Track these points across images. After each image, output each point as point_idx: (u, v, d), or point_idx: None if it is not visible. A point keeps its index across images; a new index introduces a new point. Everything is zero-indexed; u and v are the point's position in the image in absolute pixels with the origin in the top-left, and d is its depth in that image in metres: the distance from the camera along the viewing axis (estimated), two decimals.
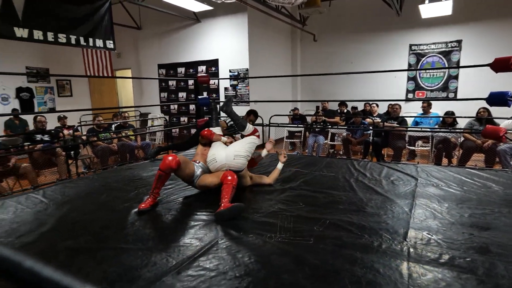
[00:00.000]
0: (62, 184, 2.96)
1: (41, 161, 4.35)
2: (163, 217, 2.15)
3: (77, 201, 2.48)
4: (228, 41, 7.41)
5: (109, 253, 1.64)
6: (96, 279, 1.40)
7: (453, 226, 1.97)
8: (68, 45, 4.68)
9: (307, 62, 9.20)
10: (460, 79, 7.56)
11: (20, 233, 1.88)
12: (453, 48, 7.56)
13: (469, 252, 1.65)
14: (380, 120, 5.59)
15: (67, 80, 8.70)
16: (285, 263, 1.54)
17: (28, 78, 7.78)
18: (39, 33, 4.20)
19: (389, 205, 2.35)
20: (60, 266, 1.51)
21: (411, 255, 1.62)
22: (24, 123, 6.87)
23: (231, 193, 2.20)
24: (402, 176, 3.10)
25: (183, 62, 8.17)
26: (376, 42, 8.20)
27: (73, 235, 1.85)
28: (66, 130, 5.43)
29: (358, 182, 2.93)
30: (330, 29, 8.71)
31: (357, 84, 8.47)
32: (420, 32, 7.79)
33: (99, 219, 2.11)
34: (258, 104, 7.42)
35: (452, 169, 3.40)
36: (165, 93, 8.77)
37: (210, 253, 1.64)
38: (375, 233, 1.87)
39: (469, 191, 2.66)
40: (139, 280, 1.39)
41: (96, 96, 9.42)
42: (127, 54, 9.17)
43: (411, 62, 7.97)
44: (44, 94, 8.21)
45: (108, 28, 5.14)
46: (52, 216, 2.15)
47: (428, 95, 7.93)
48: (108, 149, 5.07)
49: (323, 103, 7.03)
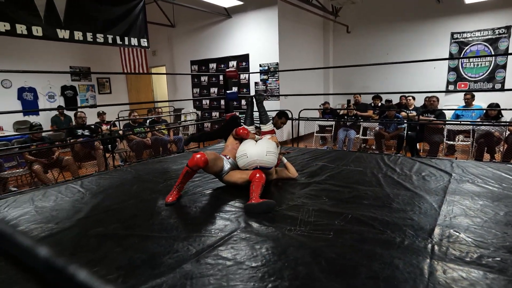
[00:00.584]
0: (98, 175, 3.18)
1: (81, 154, 4.67)
2: (188, 208, 2.24)
3: (110, 191, 2.65)
4: (258, 35, 7.42)
5: (135, 240, 1.74)
6: (122, 264, 1.50)
7: (485, 224, 1.85)
8: (106, 44, 4.96)
9: (340, 54, 8.96)
10: (508, 68, 6.97)
11: (58, 219, 2.05)
12: (501, 35, 6.96)
13: (500, 251, 1.55)
14: (416, 114, 5.33)
15: (106, 78, 9.22)
16: (302, 256, 1.54)
17: (72, 76, 8.36)
18: (79, 34, 4.51)
19: (417, 201, 2.26)
20: (89, 250, 1.64)
21: (435, 253, 1.55)
22: (68, 119, 7.39)
23: (260, 189, 2.24)
24: (435, 172, 2.95)
25: (215, 58, 8.31)
26: (414, 31, 7.78)
27: (104, 223, 1.99)
28: (104, 125, 5.77)
29: (386, 177, 2.84)
30: (364, 19, 8.40)
31: (393, 76, 8.11)
32: (463, 19, 7.26)
33: (129, 208, 2.25)
34: (288, 99, 7.38)
35: (492, 164, 3.18)
36: (197, 89, 8.98)
37: (229, 243, 1.69)
38: (398, 229, 1.82)
39: (508, 188, 2.48)
40: (161, 266, 1.47)
41: (133, 93, 9.89)
42: (161, 52, 9.50)
43: (453, 52, 7.46)
44: (86, 91, 8.77)
45: (143, 27, 5.38)
46: (87, 205, 2.32)
47: (471, 86, 7.39)
48: (142, 143, 5.31)
49: (355, 96, 6.83)
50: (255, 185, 2.25)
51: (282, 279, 1.35)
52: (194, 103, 9.08)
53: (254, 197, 2.16)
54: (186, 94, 9.17)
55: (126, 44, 5.19)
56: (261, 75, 7.57)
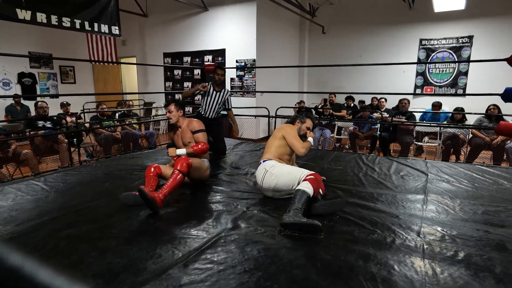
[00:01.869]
0: (64, 171, 2.91)
1: (42, 148, 4.28)
2: (168, 208, 2.09)
3: (79, 188, 2.43)
4: (236, 30, 7.27)
5: (113, 243, 1.58)
6: (100, 270, 1.34)
7: (467, 223, 1.90)
8: (73, 29, 4.56)
9: (315, 54, 9.05)
10: (469, 75, 7.41)
11: (20, 220, 1.82)
12: (464, 44, 7.38)
13: (486, 249, 1.59)
14: (388, 115, 5.49)
15: (70, 67, 8.61)
16: (296, 258, 1.47)
17: (31, 63, 7.69)
18: (42, 16, 4.09)
19: (400, 200, 2.29)
20: (60, 254, 1.46)
21: (426, 252, 1.56)
22: (25, 109, 6.80)
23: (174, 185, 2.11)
24: (412, 171, 3.02)
25: (189, 51, 8.05)
26: (386, 35, 8.03)
27: (75, 223, 1.79)
28: (69, 117, 5.36)
29: (367, 177, 2.86)
30: (340, 21, 8.54)
31: (365, 78, 8.33)
32: (431, 27, 7.61)
33: (102, 207, 2.06)
34: (264, 96, 7.33)
35: (462, 165, 3.32)
36: (170, 83, 8.66)
37: (217, 245, 1.58)
38: (387, 228, 1.81)
39: (480, 187, 2.59)
40: (144, 272, 1.33)
41: (100, 84, 9.33)
42: (132, 42, 9.05)
43: (421, 57, 7.80)
44: (47, 80, 8.13)
45: (114, 13, 5.02)
46: (53, 204, 2.10)
47: (436, 91, 7.78)
48: (111, 137, 5.00)
49: (330, 96, 6.92)
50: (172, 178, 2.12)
51: (279, 284, 1.27)
52: (166, 97, 8.75)
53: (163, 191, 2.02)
54: (157, 87, 8.82)
55: (95, 30, 4.82)
56: (237, 71, 7.44)
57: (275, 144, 2.38)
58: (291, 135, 2.36)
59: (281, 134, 2.38)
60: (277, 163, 2.26)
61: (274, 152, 2.35)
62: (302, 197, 1.89)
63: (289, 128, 2.43)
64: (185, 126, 2.65)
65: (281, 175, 2.15)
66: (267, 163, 2.26)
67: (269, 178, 2.18)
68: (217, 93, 3.69)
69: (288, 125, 2.49)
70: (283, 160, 2.37)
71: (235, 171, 3.01)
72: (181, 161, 2.18)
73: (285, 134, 2.37)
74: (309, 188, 1.94)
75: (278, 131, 2.43)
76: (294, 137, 2.36)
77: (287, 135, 2.36)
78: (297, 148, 2.32)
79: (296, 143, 2.33)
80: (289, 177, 2.12)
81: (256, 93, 7.21)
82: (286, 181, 2.13)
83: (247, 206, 2.10)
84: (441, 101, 6.07)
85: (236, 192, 2.39)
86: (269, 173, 2.19)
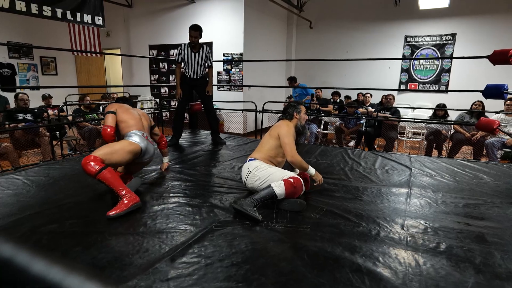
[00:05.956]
0: (46, 165, 2.83)
1: (23, 141, 4.15)
2: (154, 202, 2.06)
3: (62, 183, 2.37)
4: (223, 23, 7.19)
5: (97, 237, 1.55)
6: (84, 264, 1.31)
7: (448, 216, 1.96)
8: (54, 19, 4.40)
9: (302, 49, 9.06)
10: (452, 72, 7.59)
11: (0, 215, 1.77)
12: (447, 42, 7.54)
13: (466, 241, 1.64)
14: (374, 110, 5.57)
15: (52, 58, 8.33)
16: (283, 251, 1.49)
17: (10, 53, 7.39)
18: (21, 4, 3.91)
19: (384, 194, 2.33)
20: (43, 250, 1.42)
21: (409, 244, 1.60)
22: (4, 101, 6.54)
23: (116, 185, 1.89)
24: (396, 166, 3.09)
25: (176, 44, 7.91)
26: (372, 32, 8.12)
27: (58, 218, 1.75)
28: (50, 110, 5.21)
29: (353, 171, 2.90)
30: (327, 16, 8.56)
31: (351, 74, 8.42)
32: (416, 24, 7.73)
33: (86, 202, 2.02)
34: (251, 90, 7.30)
35: (445, 160, 3.41)
36: (155, 75, 8.52)
37: (205, 239, 1.57)
38: (372, 221, 1.85)
39: (461, 181, 2.67)
40: (130, 266, 1.31)
41: (83, 76, 9.07)
42: (116, 33, 8.82)
43: (406, 54, 7.93)
44: (27, 71, 7.85)
45: (98, 3, 4.87)
46: (35, 198, 2.04)
47: (420, 87, 7.95)
48: (95, 130, 4.89)
49: (317, 91, 6.95)
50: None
51: (267, 277, 1.28)
52: (152, 90, 8.60)
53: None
54: (143, 80, 8.65)
55: (78, 20, 4.67)
56: (225, 64, 7.38)
57: (269, 144, 2.26)
58: (286, 136, 2.20)
59: (277, 133, 2.25)
60: (262, 164, 2.17)
61: (265, 153, 2.25)
62: (267, 194, 1.92)
63: (287, 126, 2.27)
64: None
65: (264, 177, 2.10)
66: (252, 163, 2.19)
67: (252, 180, 2.14)
68: (195, 53, 3.73)
69: (286, 123, 2.33)
70: (273, 162, 2.26)
71: (222, 165, 3.00)
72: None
73: (280, 134, 2.22)
74: (280, 189, 1.92)
75: (275, 129, 2.29)
76: (289, 140, 2.20)
77: (281, 135, 2.22)
78: (288, 152, 2.18)
79: (288, 148, 2.18)
80: (272, 180, 2.04)
81: (243, 87, 7.17)
82: (268, 184, 2.03)
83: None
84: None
85: (222, 187, 2.38)
86: (252, 175, 2.14)
